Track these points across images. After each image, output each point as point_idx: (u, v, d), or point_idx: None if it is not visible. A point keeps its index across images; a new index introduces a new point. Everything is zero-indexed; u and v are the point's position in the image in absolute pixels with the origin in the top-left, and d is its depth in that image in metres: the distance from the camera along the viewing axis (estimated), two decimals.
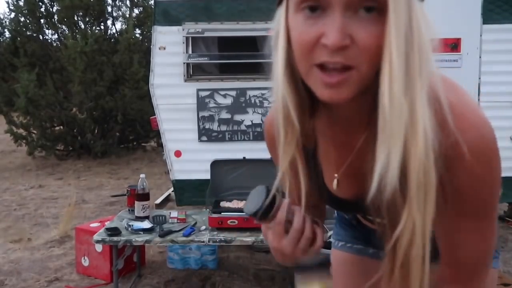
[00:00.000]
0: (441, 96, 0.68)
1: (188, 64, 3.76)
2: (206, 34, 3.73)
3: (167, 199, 4.39)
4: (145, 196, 3.00)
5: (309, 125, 0.81)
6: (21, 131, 8.38)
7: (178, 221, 2.99)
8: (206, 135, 3.80)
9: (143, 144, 9.21)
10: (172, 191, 4.19)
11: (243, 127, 3.79)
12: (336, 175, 0.87)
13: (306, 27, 0.66)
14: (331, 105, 0.77)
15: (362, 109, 0.74)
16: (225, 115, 3.78)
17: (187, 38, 3.74)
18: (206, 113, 3.78)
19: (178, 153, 3.81)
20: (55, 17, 8.97)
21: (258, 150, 3.60)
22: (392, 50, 0.62)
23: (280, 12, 0.72)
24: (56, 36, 9.26)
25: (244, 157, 3.49)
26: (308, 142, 0.85)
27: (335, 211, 1.25)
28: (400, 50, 0.62)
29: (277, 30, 0.72)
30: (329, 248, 1.24)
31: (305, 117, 0.78)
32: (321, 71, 0.66)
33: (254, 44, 3.78)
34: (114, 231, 2.79)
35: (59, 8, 8.77)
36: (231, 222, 2.81)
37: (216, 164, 3.24)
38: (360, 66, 0.64)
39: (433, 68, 0.66)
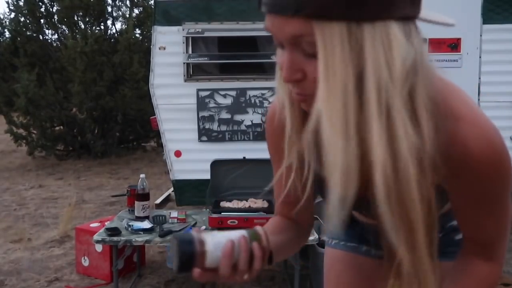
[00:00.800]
0: (445, 106, 0.70)
1: (188, 64, 3.76)
2: (206, 34, 3.73)
3: (167, 199, 4.39)
4: (145, 196, 3.00)
5: None
6: (21, 131, 8.37)
7: (178, 221, 2.99)
8: (206, 135, 3.80)
9: (143, 144, 9.21)
10: (172, 191, 4.19)
11: (243, 127, 3.79)
12: None
13: (279, 55, 0.72)
14: None
15: None
16: (225, 115, 3.78)
17: (187, 38, 3.74)
18: (206, 113, 3.78)
19: (178, 153, 3.81)
20: (55, 17, 8.96)
21: (258, 150, 3.60)
22: (320, 89, 0.64)
23: None
24: (56, 36, 9.27)
25: (244, 157, 3.49)
26: None
27: None
28: (330, 89, 0.63)
29: None
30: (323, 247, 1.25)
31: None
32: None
33: (254, 44, 3.78)
34: (114, 231, 2.78)
35: (59, 8, 8.77)
36: (231, 222, 2.81)
37: (216, 164, 3.24)
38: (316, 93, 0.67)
39: (428, 81, 0.68)
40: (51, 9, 8.99)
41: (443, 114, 0.70)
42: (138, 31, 9.44)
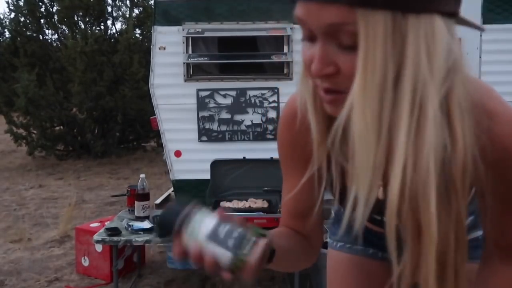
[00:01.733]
0: (482, 106, 0.69)
1: (188, 64, 3.76)
2: (206, 34, 3.73)
3: (167, 199, 4.39)
4: (145, 196, 2.99)
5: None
6: (21, 131, 8.37)
7: None
8: (206, 135, 3.80)
9: (143, 144, 9.21)
10: (172, 191, 4.20)
11: (243, 127, 3.79)
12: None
13: (305, 49, 0.66)
14: None
15: None
16: (225, 115, 3.78)
17: (187, 38, 3.74)
18: (206, 113, 3.78)
19: (178, 153, 3.81)
20: (55, 17, 8.96)
21: (258, 150, 3.60)
22: (357, 82, 0.60)
23: None
24: (56, 36, 9.26)
25: (244, 157, 3.49)
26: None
27: (332, 212, 1.24)
28: (367, 82, 0.60)
29: None
30: (325, 248, 1.24)
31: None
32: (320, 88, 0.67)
33: (254, 44, 3.78)
34: (114, 231, 2.78)
35: (59, 8, 8.77)
36: None
37: (216, 164, 3.24)
38: (349, 90, 0.63)
39: (461, 84, 0.64)
40: (51, 9, 8.99)
41: (480, 114, 0.68)
42: (138, 31, 9.45)
